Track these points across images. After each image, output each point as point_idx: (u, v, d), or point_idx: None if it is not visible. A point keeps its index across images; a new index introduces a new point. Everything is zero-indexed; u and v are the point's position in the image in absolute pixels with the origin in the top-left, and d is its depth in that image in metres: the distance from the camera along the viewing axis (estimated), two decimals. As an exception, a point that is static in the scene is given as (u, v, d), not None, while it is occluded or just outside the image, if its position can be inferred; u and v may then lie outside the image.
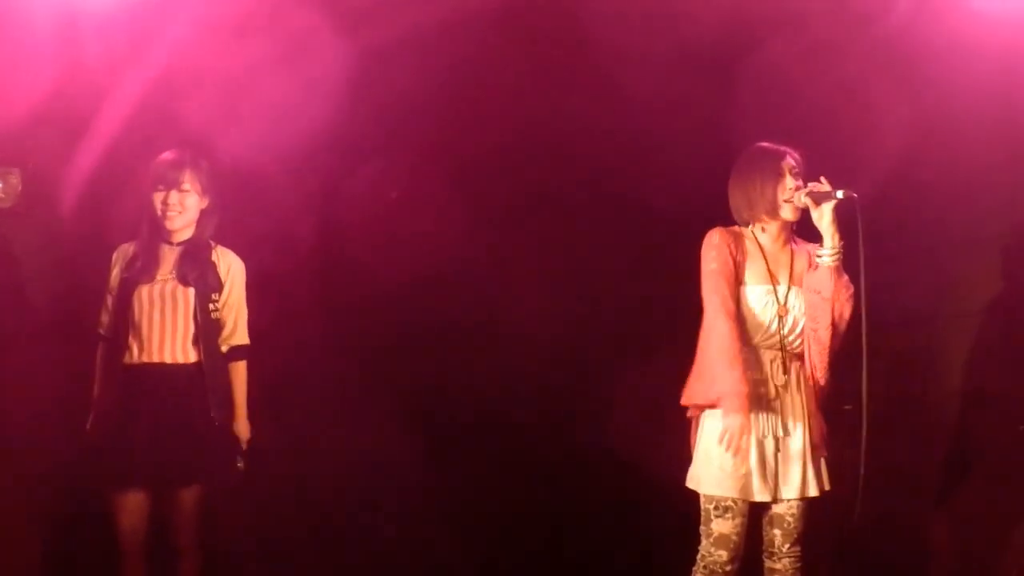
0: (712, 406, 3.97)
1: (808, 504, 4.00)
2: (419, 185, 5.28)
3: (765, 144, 4.06)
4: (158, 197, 4.26)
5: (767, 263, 4.02)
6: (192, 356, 4.25)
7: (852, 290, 3.95)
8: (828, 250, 3.92)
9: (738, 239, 4.03)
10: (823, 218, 3.91)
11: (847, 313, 3.96)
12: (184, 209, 4.28)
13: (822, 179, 3.93)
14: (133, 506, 4.22)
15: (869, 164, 4.60)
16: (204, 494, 4.28)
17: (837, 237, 3.91)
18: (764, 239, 4.05)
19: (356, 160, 5.20)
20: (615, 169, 5.31)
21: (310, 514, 5.21)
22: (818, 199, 3.91)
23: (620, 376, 5.23)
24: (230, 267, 4.35)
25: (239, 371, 4.38)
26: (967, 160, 4.68)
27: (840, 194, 3.86)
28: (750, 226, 4.06)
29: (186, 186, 4.27)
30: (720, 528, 3.98)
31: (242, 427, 4.37)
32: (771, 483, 3.95)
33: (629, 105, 5.05)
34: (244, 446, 4.36)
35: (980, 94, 4.61)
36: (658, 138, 5.04)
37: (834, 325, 3.97)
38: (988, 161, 4.67)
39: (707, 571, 4.00)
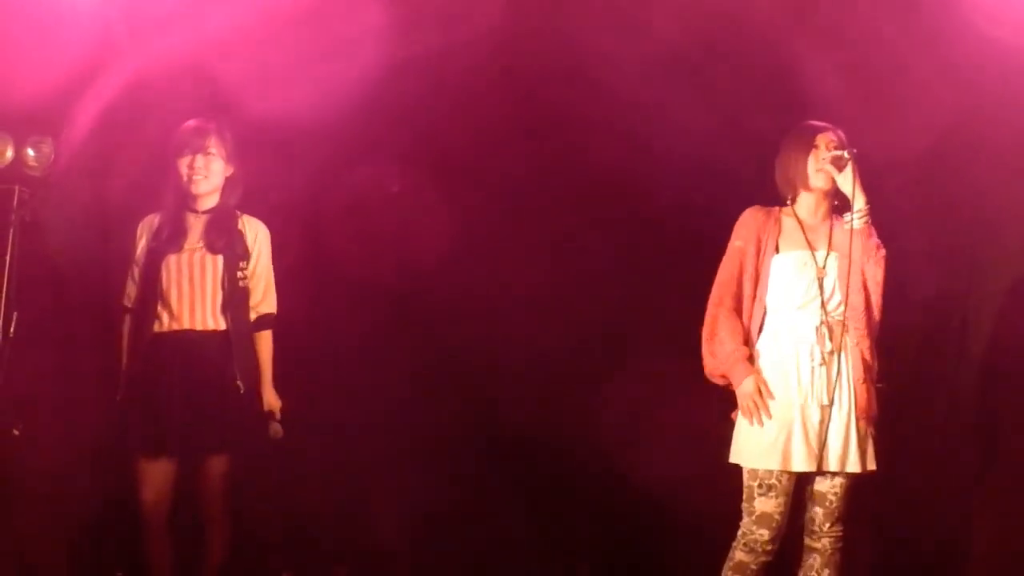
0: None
1: (851, 483, 3.97)
2: (426, 180, 5.30)
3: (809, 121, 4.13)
4: (183, 162, 4.26)
5: (804, 233, 4.06)
6: (221, 323, 4.26)
7: (883, 252, 3.96)
8: (856, 213, 3.95)
9: (771, 215, 4.11)
10: (846, 182, 3.96)
11: (879, 276, 3.96)
12: (209, 173, 4.28)
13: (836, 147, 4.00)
14: (159, 476, 4.24)
15: (904, 142, 4.58)
16: (232, 463, 4.28)
17: (863, 199, 3.95)
18: (803, 212, 4.10)
19: (373, 144, 5.20)
20: (612, 169, 5.29)
21: (336, 485, 5.24)
22: (838, 165, 3.97)
23: (615, 373, 5.25)
24: (257, 235, 4.36)
25: (265, 340, 4.38)
26: (1003, 138, 4.63)
27: (846, 153, 3.94)
28: (790, 203, 4.12)
29: (212, 150, 4.28)
30: (763, 507, 3.95)
31: (270, 396, 4.37)
32: (816, 451, 3.92)
33: (627, 103, 5.04)
34: (277, 415, 4.35)
35: (1018, 72, 4.56)
36: (657, 136, 5.03)
37: (865, 288, 3.96)
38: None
39: (747, 549, 3.97)
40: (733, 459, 4.05)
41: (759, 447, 3.96)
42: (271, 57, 4.79)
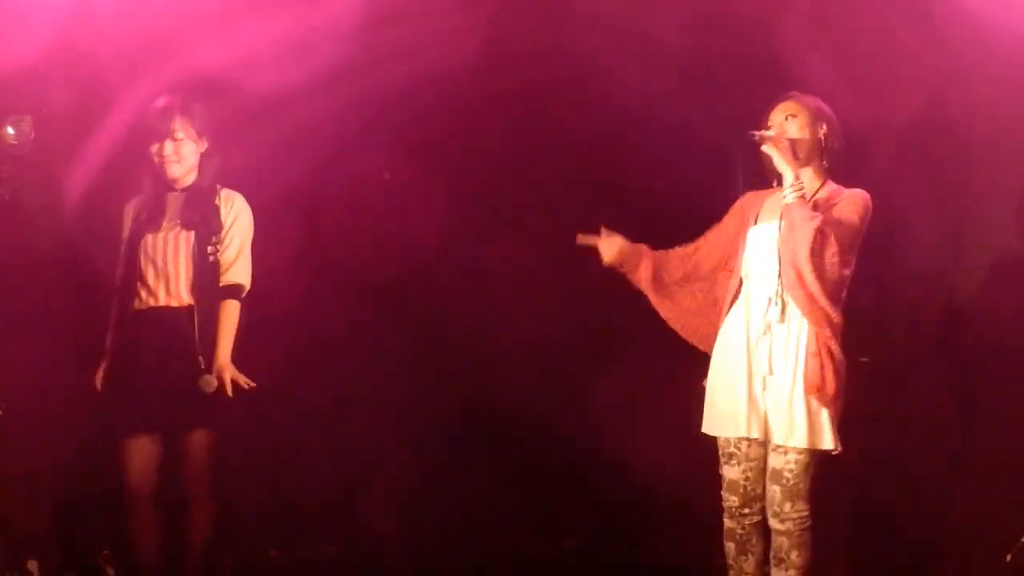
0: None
1: (810, 460, 3.89)
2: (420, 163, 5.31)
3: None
4: (153, 149, 4.21)
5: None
6: (193, 299, 4.23)
7: (813, 225, 3.80)
8: (787, 188, 3.92)
9: (761, 195, 4.11)
10: (773, 160, 3.95)
11: (803, 250, 3.81)
12: (181, 158, 4.23)
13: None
14: (142, 454, 4.20)
15: (888, 115, 4.55)
16: (210, 440, 4.24)
17: (791, 175, 3.90)
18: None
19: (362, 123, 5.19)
20: (606, 157, 5.35)
21: (325, 464, 5.24)
22: (761, 144, 3.97)
23: (606, 357, 5.29)
24: (232, 206, 4.28)
25: (228, 308, 4.22)
26: (990, 109, 4.60)
27: (756, 135, 3.96)
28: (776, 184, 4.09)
29: (179, 134, 4.22)
30: (729, 474, 4.01)
31: (222, 360, 4.16)
32: (761, 422, 3.92)
33: (620, 90, 5.05)
34: (224, 376, 4.14)
35: (1008, 41, 4.52)
36: (652, 122, 5.05)
37: (794, 263, 3.86)
38: (1012, 110, 4.58)
39: (728, 515, 4.04)
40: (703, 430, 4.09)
41: (716, 416, 4.01)
42: (261, 41, 4.76)
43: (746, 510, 4.00)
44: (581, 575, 5.25)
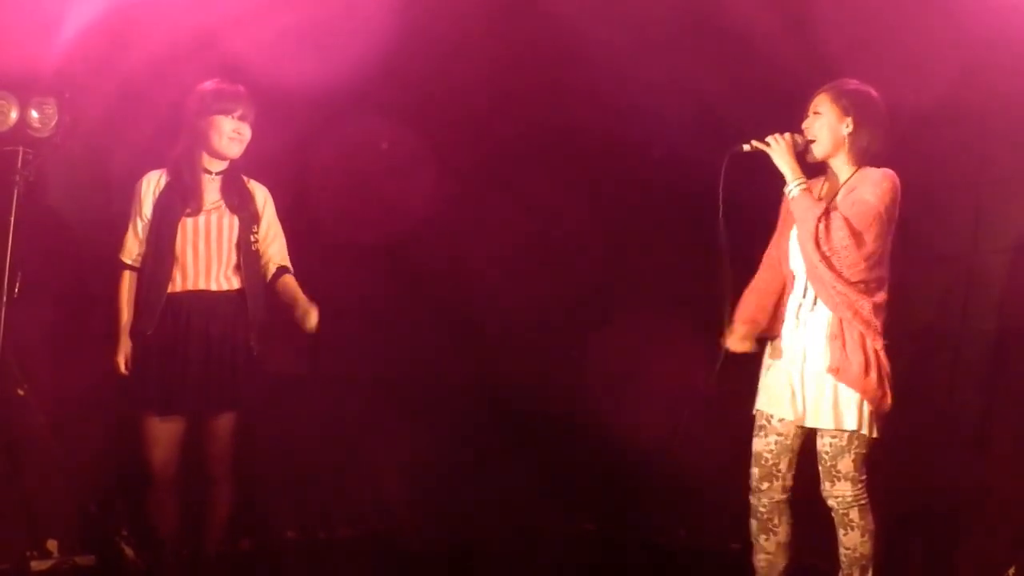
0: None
1: (846, 443, 3.94)
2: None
3: None
4: (228, 124, 4.17)
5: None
6: (234, 283, 4.25)
7: (814, 214, 3.89)
8: (789, 185, 4.00)
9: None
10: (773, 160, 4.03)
11: (808, 240, 3.91)
12: (246, 141, 4.25)
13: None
14: (170, 435, 4.21)
15: (911, 98, 4.54)
16: (237, 422, 4.29)
17: (790, 173, 3.98)
18: None
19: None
20: (600, 131, 5.37)
21: (338, 444, 5.28)
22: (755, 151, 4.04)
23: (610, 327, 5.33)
24: (265, 199, 4.35)
25: (290, 281, 4.33)
26: (1013, 93, 4.59)
27: (744, 148, 4.04)
28: None
29: (248, 117, 4.24)
30: (755, 446, 4.09)
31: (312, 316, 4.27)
32: (799, 406, 4.00)
33: (618, 70, 5.07)
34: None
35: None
36: (650, 105, 5.07)
37: (805, 253, 3.97)
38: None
39: (751, 492, 4.09)
40: None
41: (760, 390, 4.11)
42: (269, 18, 4.77)
43: (764, 485, 4.06)
44: (600, 558, 5.26)
